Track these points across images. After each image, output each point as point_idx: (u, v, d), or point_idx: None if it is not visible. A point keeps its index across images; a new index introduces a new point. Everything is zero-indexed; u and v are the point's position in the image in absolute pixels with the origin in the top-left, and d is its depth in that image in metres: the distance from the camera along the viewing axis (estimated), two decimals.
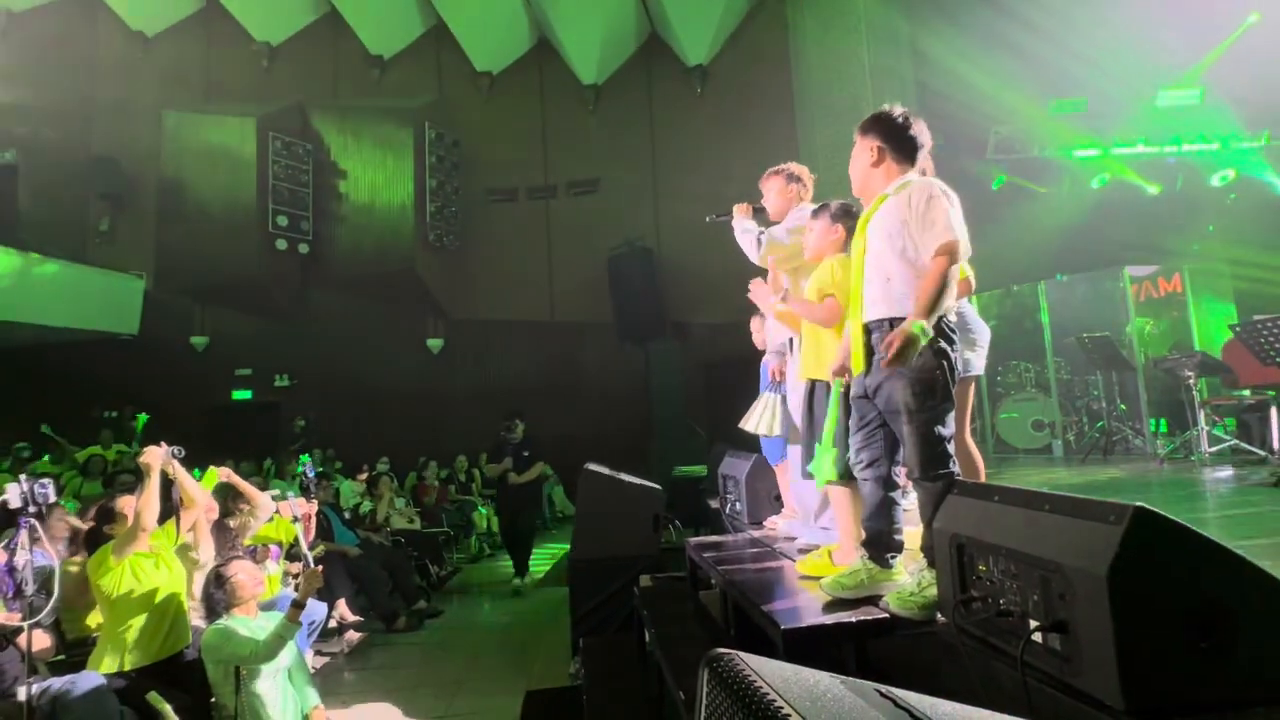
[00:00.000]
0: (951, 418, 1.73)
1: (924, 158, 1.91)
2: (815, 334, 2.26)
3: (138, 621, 2.60)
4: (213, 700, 2.49)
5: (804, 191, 2.68)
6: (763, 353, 3.07)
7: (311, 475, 4.60)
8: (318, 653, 3.82)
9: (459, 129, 10.64)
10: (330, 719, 2.58)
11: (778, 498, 3.02)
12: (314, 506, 4.03)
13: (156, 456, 2.73)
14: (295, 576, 3.86)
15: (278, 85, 10.58)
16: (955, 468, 1.70)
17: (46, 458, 7.11)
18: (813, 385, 2.26)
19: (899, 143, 1.85)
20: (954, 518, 1.49)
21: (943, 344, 1.69)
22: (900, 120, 1.86)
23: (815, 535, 2.47)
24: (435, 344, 10.59)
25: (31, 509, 1.95)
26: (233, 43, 10.77)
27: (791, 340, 2.59)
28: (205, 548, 2.91)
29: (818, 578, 1.93)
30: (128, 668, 2.52)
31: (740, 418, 2.80)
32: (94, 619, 2.74)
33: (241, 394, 10.42)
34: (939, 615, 1.53)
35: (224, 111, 9.94)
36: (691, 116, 10.42)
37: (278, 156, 9.64)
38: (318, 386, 10.40)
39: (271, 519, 3.75)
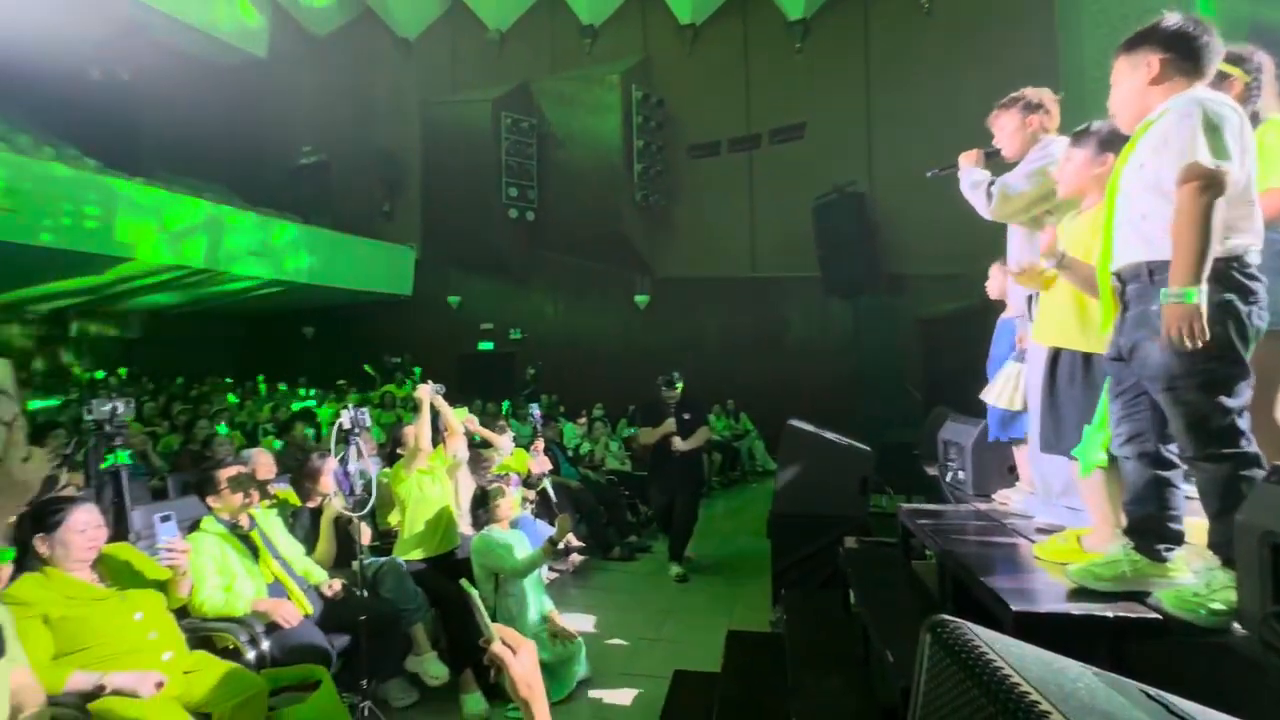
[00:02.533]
0: (1245, 385, 1.36)
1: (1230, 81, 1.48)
2: (1066, 293, 1.90)
3: (421, 523, 3.29)
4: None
5: (1047, 121, 2.22)
6: (997, 305, 2.70)
7: (538, 416, 5.26)
8: (549, 569, 4.46)
9: (663, 87, 10.82)
10: (562, 622, 3.01)
11: (1012, 469, 2.68)
12: (546, 465, 4.66)
13: (425, 392, 3.36)
14: (530, 501, 4.52)
15: (508, 68, 11.74)
16: (1249, 446, 1.35)
17: (353, 393, 9.17)
18: (1056, 353, 1.92)
19: (1187, 51, 1.44)
20: (1268, 511, 1.19)
21: (1228, 294, 1.33)
22: (1186, 26, 1.44)
23: (1060, 515, 2.16)
24: (642, 300, 11.18)
25: (357, 430, 2.58)
26: (472, 34, 12.16)
27: (1030, 299, 2.23)
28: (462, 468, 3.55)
29: (1062, 563, 1.70)
30: (415, 557, 3.22)
31: (964, 378, 2.52)
32: (393, 518, 3.52)
33: (485, 345, 12.18)
34: (1237, 625, 1.25)
35: (467, 98, 11.35)
36: (915, 41, 9.24)
37: (508, 134, 10.79)
38: (544, 339, 11.72)
39: (512, 454, 4.42)
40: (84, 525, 2.05)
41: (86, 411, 2.87)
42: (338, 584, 2.85)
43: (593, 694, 2.99)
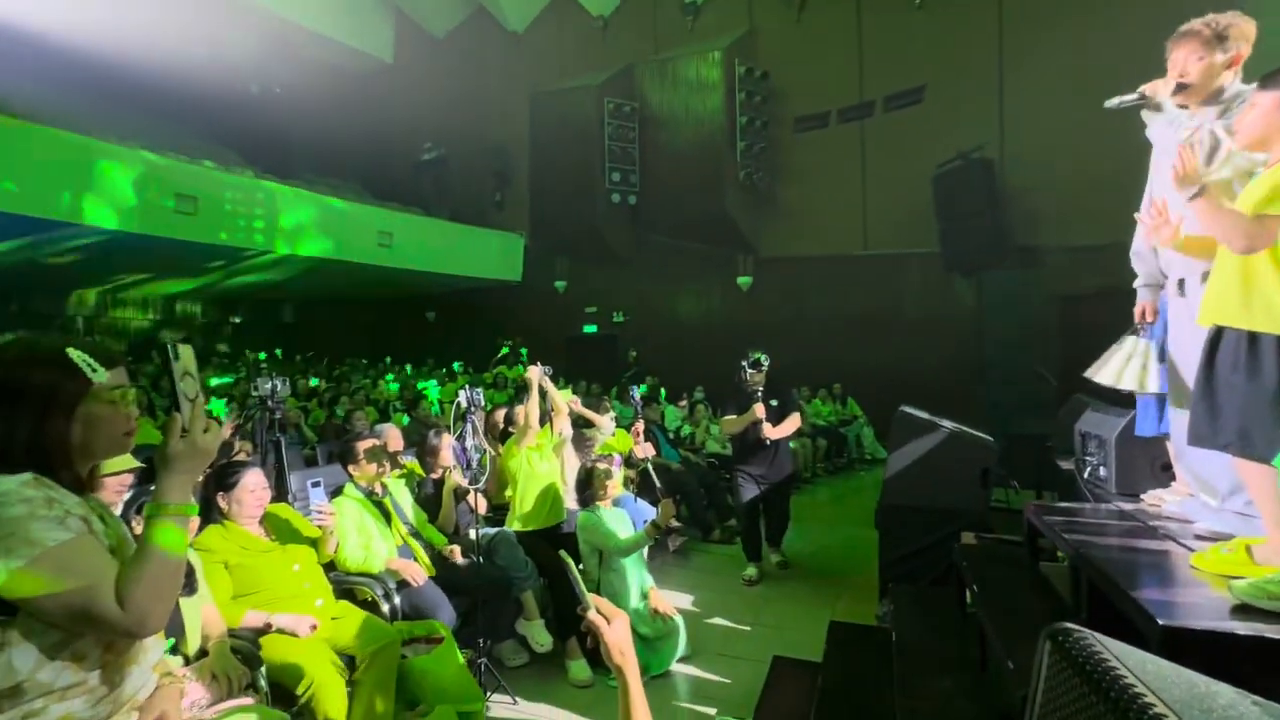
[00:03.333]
0: None
1: None
2: (1237, 264, 1.61)
3: (530, 497, 3.48)
4: (580, 568, 3.22)
5: (1239, 55, 1.83)
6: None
7: (639, 399, 5.35)
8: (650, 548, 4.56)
9: (768, 60, 10.44)
10: (663, 599, 3.09)
11: (1166, 467, 2.37)
12: (650, 451, 4.72)
13: (534, 374, 3.53)
14: (632, 481, 4.63)
15: (612, 53, 11.84)
16: None
17: (463, 375, 9.82)
18: (1218, 333, 1.63)
19: None
20: None
21: None
22: None
23: (1228, 522, 1.89)
24: (744, 281, 10.98)
25: (473, 409, 2.78)
26: (578, 22, 12.38)
27: (1181, 281, 1.90)
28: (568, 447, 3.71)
29: (1225, 576, 1.49)
30: (525, 529, 3.42)
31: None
32: (507, 491, 3.75)
33: (589, 328, 12.55)
34: None
35: (572, 86, 11.61)
36: None
37: (611, 119, 10.92)
38: (646, 322, 11.86)
39: (614, 434, 4.54)
40: (254, 486, 2.38)
41: (253, 389, 3.30)
42: (457, 550, 3.10)
43: (691, 671, 3.05)
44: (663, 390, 9.12)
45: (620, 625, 1.05)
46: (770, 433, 4.08)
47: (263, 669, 2.03)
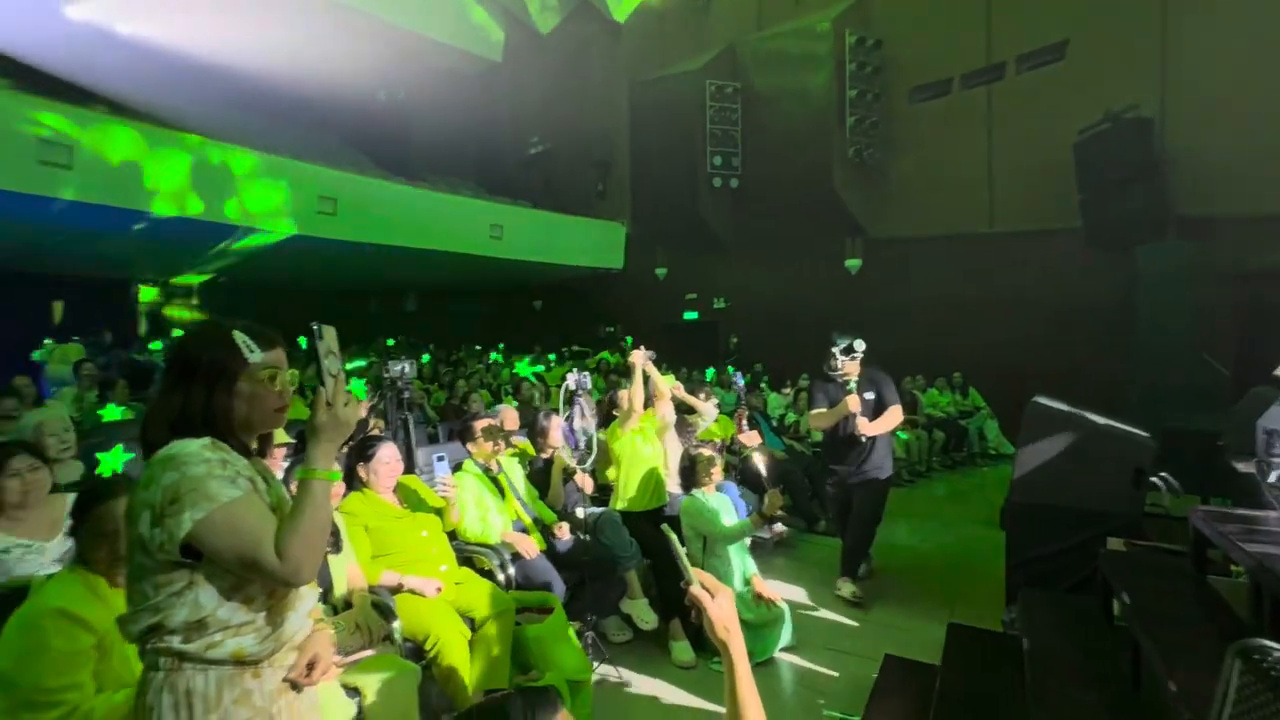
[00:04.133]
0: None
1: None
2: None
3: (634, 479, 3.54)
4: (685, 551, 3.24)
5: None
6: None
7: (741, 385, 5.27)
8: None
9: (882, 27, 9.79)
10: (766, 587, 3.04)
11: None
12: (756, 439, 4.64)
13: (638, 358, 3.57)
14: (734, 468, 4.59)
15: (714, 34, 11.63)
16: None
17: (570, 360, 10.14)
18: None
19: None
20: None
21: None
22: None
23: None
24: (853, 264, 10.47)
25: (581, 392, 2.87)
26: (678, 6, 12.27)
27: None
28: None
29: None
30: (628, 510, 3.49)
31: None
32: (610, 473, 3.84)
33: (690, 314, 12.52)
34: None
35: (672, 72, 11.54)
36: None
37: (713, 101, 10.75)
38: (748, 308, 11.65)
39: (716, 420, 4.51)
40: (389, 458, 2.61)
41: (385, 371, 3.62)
42: (565, 526, 3.23)
43: (795, 661, 2.99)
44: (765, 377, 8.93)
45: (724, 600, 1.04)
46: (866, 428, 3.55)
47: (397, 623, 2.23)
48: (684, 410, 4.32)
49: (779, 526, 4.68)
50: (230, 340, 1.13)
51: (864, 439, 3.59)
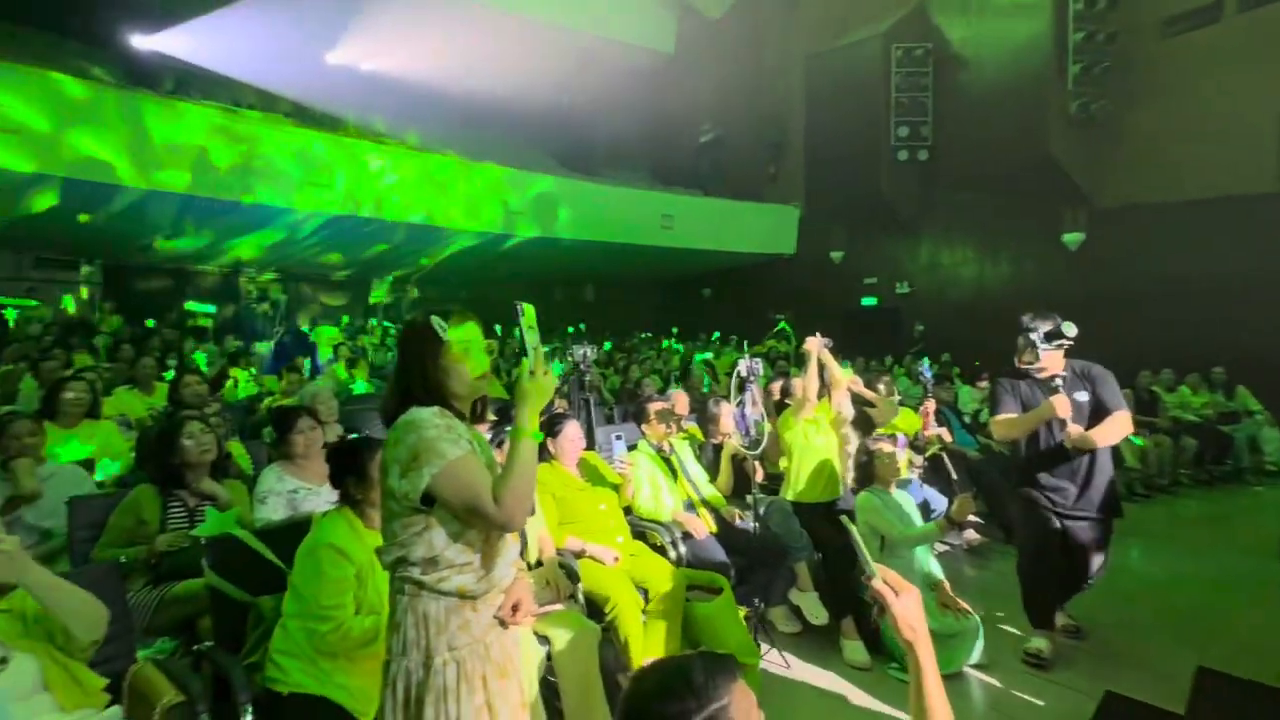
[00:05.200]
0: None
1: None
2: None
3: (806, 470, 3.44)
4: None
5: None
6: None
7: (929, 376, 4.82)
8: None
9: None
10: (951, 597, 2.79)
11: None
12: (946, 437, 4.24)
13: (814, 346, 3.44)
14: (917, 466, 4.24)
15: None
16: None
17: (728, 346, 10.06)
18: None
19: None
20: None
21: None
22: None
23: None
24: (1073, 239, 9.00)
25: (752, 379, 2.86)
26: None
27: None
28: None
29: None
30: (800, 500, 3.40)
31: None
32: (783, 462, 3.78)
33: (869, 300, 11.74)
34: None
35: (853, 40, 10.80)
36: None
37: (899, 67, 9.89)
38: (936, 292, 10.60)
39: (898, 414, 4.20)
40: (573, 435, 2.85)
41: (569, 355, 3.93)
42: (735, 512, 3.26)
43: (988, 680, 2.70)
44: (955, 369, 8.10)
45: (911, 600, 0.99)
46: (1078, 439, 2.65)
47: (580, 586, 2.44)
48: (862, 403, 4.08)
49: (970, 534, 4.25)
50: (429, 325, 1.34)
51: (1077, 455, 2.68)
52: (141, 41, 9.80)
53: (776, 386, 4.10)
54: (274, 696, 1.70)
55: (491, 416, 2.87)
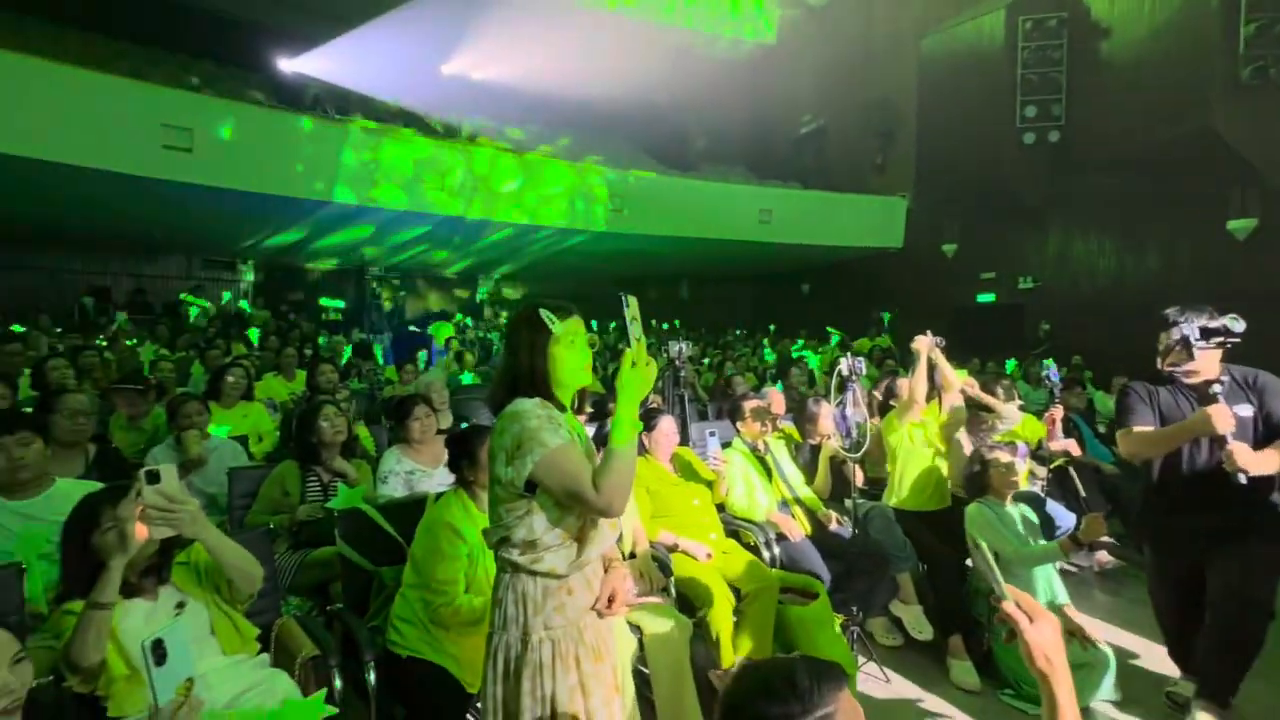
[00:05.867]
0: None
1: None
2: None
3: (911, 476, 3.25)
4: (968, 564, 2.89)
5: None
6: None
7: (1056, 380, 4.39)
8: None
9: None
10: (1081, 623, 2.54)
11: None
12: (1075, 449, 3.85)
13: (923, 344, 3.24)
14: (1040, 478, 3.88)
15: None
16: None
17: (835, 342, 9.66)
18: None
19: None
20: None
21: None
22: None
23: None
24: (1241, 226, 7.84)
25: (854, 378, 2.75)
26: None
27: None
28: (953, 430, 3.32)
29: None
30: (904, 507, 3.22)
31: None
32: (886, 466, 3.60)
33: (985, 296, 10.88)
34: None
35: (973, 14, 10.01)
36: None
37: (1027, 41, 9.06)
38: (1065, 288, 9.64)
39: (1020, 421, 3.87)
40: (668, 430, 2.87)
41: (664, 350, 3.96)
42: (833, 515, 3.15)
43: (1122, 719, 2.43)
44: (1088, 373, 7.35)
45: (1048, 627, 0.91)
46: (1246, 461, 2.04)
47: (673, 579, 2.46)
48: (978, 407, 3.79)
49: (1103, 555, 3.84)
50: (537, 316, 1.39)
51: (1240, 479, 2.05)
52: (287, 65, 10.97)
53: (881, 387, 3.91)
54: (393, 658, 1.86)
55: (588, 409, 2.97)
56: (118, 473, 2.48)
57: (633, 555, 2.53)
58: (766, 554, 2.84)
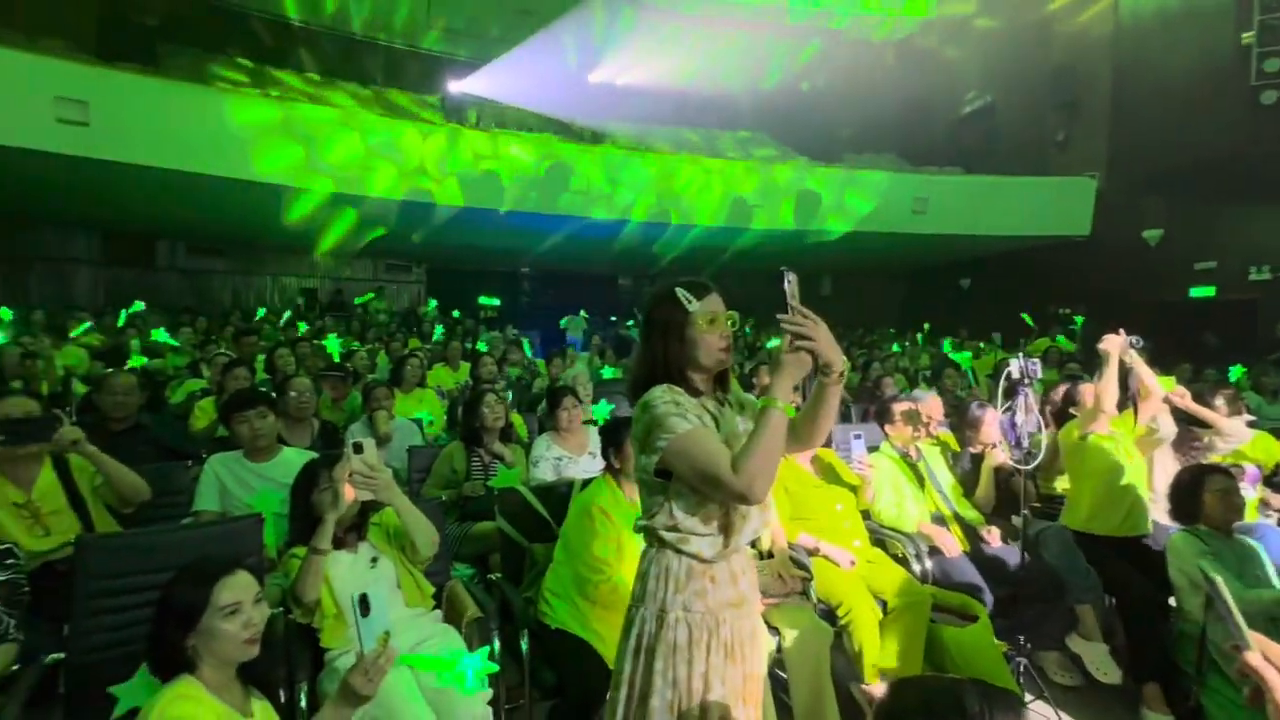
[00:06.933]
0: None
1: None
2: None
3: (1096, 495, 2.84)
4: (1172, 602, 2.46)
5: None
6: None
7: None
8: None
9: None
10: None
11: None
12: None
13: (1115, 345, 2.81)
14: (1275, 510, 3.21)
15: None
16: None
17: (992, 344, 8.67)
18: None
19: None
20: None
21: None
22: None
23: None
24: None
25: (1027, 381, 2.45)
26: None
27: None
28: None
29: None
30: (1088, 531, 2.82)
31: None
32: (1060, 483, 3.19)
33: (1201, 290, 9.16)
34: None
35: None
36: None
37: None
38: None
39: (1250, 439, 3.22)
40: None
41: None
42: (995, 532, 2.85)
43: None
44: None
45: None
46: None
47: (813, 583, 2.39)
48: (1190, 421, 3.21)
49: None
50: (674, 296, 1.35)
51: None
52: (455, 85, 12.15)
53: (1058, 392, 3.45)
54: (544, 628, 2.01)
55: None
56: (333, 444, 2.94)
57: (770, 555, 2.48)
58: (917, 567, 2.65)
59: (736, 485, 1.19)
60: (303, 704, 1.68)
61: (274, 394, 2.99)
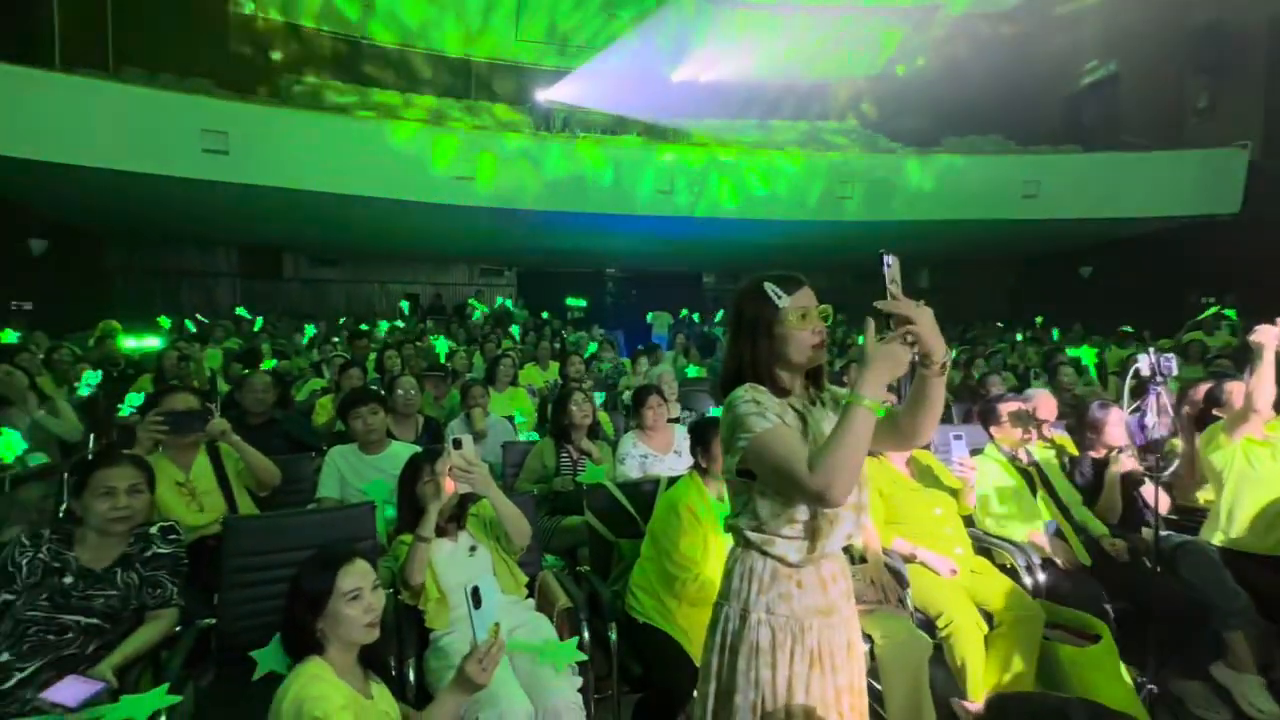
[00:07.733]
0: None
1: None
2: None
3: (1248, 507, 2.51)
4: None
5: None
6: None
7: None
8: None
9: None
10: None
11: None
12: None
13: (1269, 336, 2.46)
14: None
15: None
16: None
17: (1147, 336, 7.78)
18: None
19: None
20: None
21: None
22: None
23: None
24: None
25: (1159, 379, 2.20)
26: None
27: None
28: None
29: None
30: (1236, 547, 2.49)
31: None
32: (1206, 493, 2.84)
33: None
34: None
35: None
36: None
37: None
38: None
39: None
40: None
41: None
42: (1121, 545, 2.59)
43: None
44: None
45: None
46: None
47: (909, 591, 2.27)
48: None
49: None
50: (762, 290, 1.30)
51: None
52: (542, 95, 12.56)
53: (1198, 391, 3.08)
54: (631, 621, 2.05)
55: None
56: (436, 439, 3.15)
57: (863, 559, 2.39)
58: (1028, 580, 2.45)
59: (813, 484, 1.13)
60: (410, 679, 1.81)
61: (383, 392, 3.23)
